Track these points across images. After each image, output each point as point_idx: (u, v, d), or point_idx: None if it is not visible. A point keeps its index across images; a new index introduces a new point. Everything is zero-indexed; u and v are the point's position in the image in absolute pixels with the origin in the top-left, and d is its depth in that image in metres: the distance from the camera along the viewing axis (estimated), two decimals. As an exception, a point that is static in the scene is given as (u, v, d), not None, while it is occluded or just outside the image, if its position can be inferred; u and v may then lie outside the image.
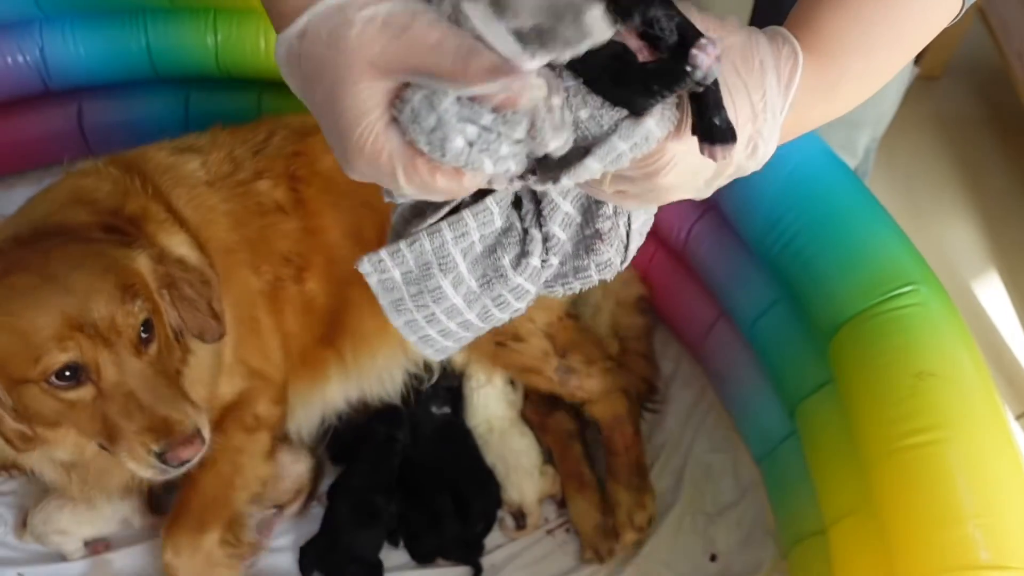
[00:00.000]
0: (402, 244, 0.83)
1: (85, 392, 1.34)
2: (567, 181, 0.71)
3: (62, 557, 1.80)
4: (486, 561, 1.85)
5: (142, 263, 1.46)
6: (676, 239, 2.00)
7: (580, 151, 0.70)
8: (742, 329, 1.89)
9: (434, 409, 1.95)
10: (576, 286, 0.87)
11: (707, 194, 0.81)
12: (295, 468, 1.86)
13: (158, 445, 1.33)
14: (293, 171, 1.79)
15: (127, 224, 1.58)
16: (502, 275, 0.83)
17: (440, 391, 1.97)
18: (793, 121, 0.79)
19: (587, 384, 1.90)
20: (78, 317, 1.31)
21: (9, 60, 2.22)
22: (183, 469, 1.39)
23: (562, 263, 0.86)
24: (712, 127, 0.70)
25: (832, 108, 0.83)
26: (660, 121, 0.71)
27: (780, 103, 0.75)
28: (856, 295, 1.52)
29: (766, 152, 0.78)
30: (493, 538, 1.89)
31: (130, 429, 1.32)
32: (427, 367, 1.95)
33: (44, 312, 1.29)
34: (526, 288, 0.85)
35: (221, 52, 2.25)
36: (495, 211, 0.81)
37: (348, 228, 1.79)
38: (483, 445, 1.92)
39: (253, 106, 2.34)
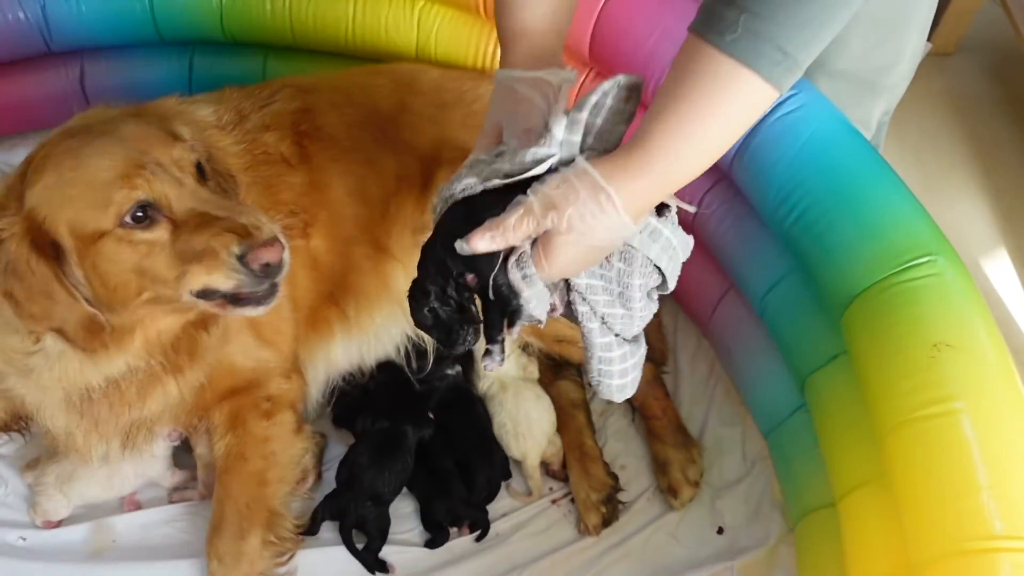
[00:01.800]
0: None
1: (160, 231, 1.34)
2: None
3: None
4: (491, 529, 1.84)
5: (183, 131, 1.48)
6: (685, 211, 1.97)
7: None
8: (752, 302, 1.87)
9: (448, 371, 1.95)
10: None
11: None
12: None
13: (239, 247, 1.31)
14: (299, 126, 1.77)
15: None
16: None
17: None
18: (638, 206, 1.13)
19: None
20: (139, 157, 1.33)
21: (10, 16, 2.18)
22: (265, 285, 1.37)
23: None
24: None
25: (661, 192, 1.15)
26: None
27: (596, 206, 1.10)
28: (871, 266, 1.50)
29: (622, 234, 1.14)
30: (499, 508, 1.88)
31: (208, 238, 1.31)
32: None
33: (107, 158, 1.31)
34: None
35: (226, 14, 2.22)
36: None
37: (352, 186, 1.77)
38: (495, 404, 1.91)
39: (258, 70, 2.31)
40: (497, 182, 1.14)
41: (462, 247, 1.13)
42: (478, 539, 1.82)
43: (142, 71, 2.36)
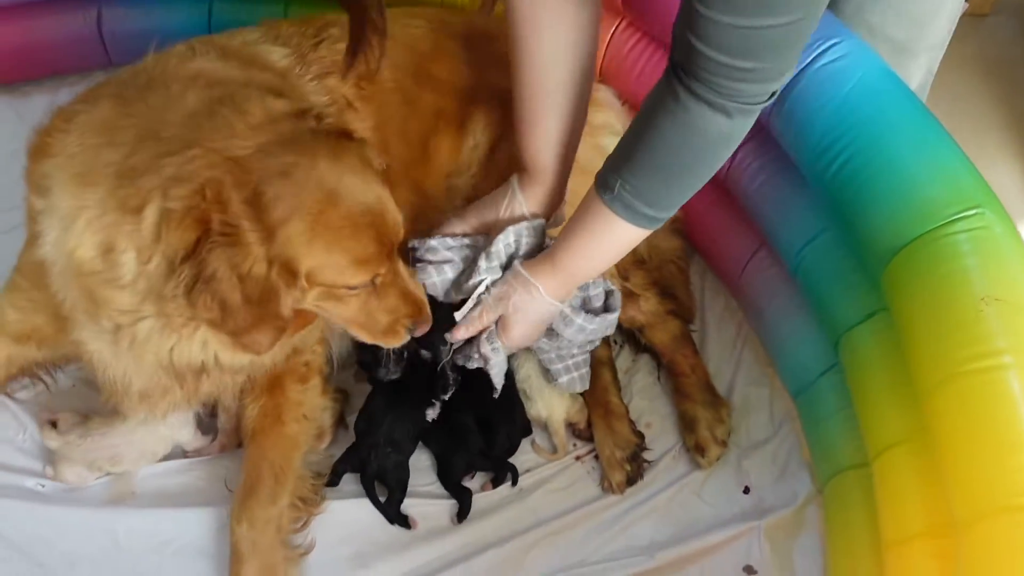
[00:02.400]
0: None
1: (366, 293, 1.45)
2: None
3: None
4: (514, 486, 1.82)
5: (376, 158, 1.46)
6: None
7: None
8: (785, 259, 1.83)
9: None
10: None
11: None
12: None
13: (411, 322, 1.53)
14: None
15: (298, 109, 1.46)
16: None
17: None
18: (558, 294, 1.64)
19: (645, 307, 1.90)
20: (390, 238, 1.42)
21: (27, -42, 2.14)
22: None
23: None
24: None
25: (572, 284, 1.64)
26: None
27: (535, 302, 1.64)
28: (916, 218, 1.46)
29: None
30: (523, 463, 1.85)
31: (394, 320, 1.50)
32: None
33: (369, 240, 1.37)
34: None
35: (248, -43, 2.17)
36: None
37: (397, 126, 1.74)
38: (521, 357, 1.87)
39: (279, 16, 2.25)
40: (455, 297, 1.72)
41: (451, 337, 1.70)
42: (513, 483, 1.81)
43: (161, 17, 2.31)
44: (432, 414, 1.81)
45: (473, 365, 1.73)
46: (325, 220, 1.32)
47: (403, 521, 1.75)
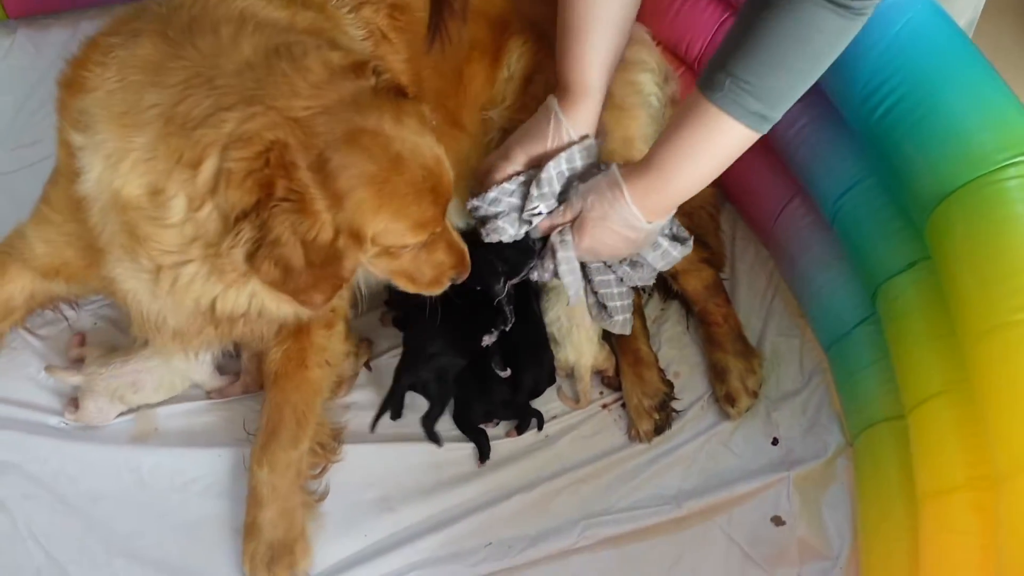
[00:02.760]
0: None
1: (414, 247, 1.45)
2: None
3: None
4: (541, 431, 1.81)
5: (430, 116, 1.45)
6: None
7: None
8: (822, 208, 1.78)
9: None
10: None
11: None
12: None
13: (456, 273, 1.55)
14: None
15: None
16: None
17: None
18: (647, 207, 1.56)
19: None
20: (446, 198, 1.42)
21: None
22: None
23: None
24: None
25: (669, 197, 1.56)
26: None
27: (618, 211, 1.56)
28: (965, 164, 1.41)
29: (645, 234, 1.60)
30: (549, 410, 1.84)
31: (439, 272, 1.52)
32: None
33: (426, 201, 1.37)
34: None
35: None
36: None
37: (431, 59, 1.67)
38: (552, 296, 1.84)
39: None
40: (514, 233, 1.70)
41: (534, 232, 1.69)
42: (539, 428, 1.80)
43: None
44: (489, 340, 1.80)
45: (547, 277, 1.69)
46: (391, 188, 1.32)
47: (435, 437, 1.76)
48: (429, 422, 1.76)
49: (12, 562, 1.60)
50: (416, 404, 1.80)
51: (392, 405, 1.77)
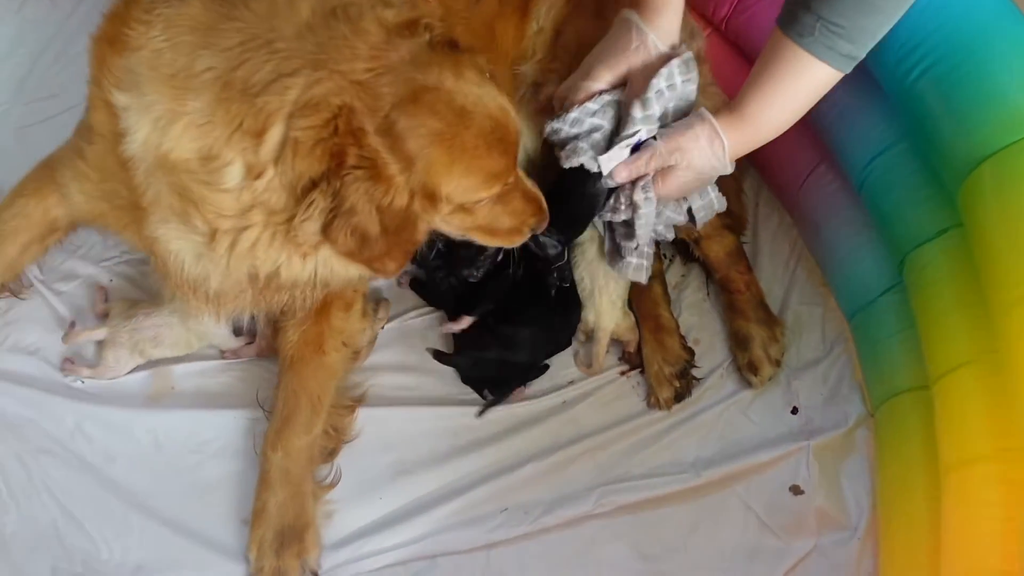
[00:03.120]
0: None
1: (489, 200, 1.42)
2: None
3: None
4: (558, 396, 1.80)
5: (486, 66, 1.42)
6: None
7: None
8: (850, 173, 1.74)
9: None
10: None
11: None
12: None
13: (536, 222, 1.52)
14: None
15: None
16: None
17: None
18: (733, 152, 1.54)
19: None
20: (514, 146, 1.40)
21: None
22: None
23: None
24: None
25: (756, 140, 1.55)
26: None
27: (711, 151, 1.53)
28: (1003, 128, 1.37)
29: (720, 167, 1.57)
30: (567, 376, 1.82)
31: (519, 221, 1.49)
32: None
33: (496, 153, 1.35)
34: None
35: None
36: None
37: (462, 14, 1.66)
38: (578, 253, 1.81)
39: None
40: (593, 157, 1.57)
41: (606, 182, 1.58)
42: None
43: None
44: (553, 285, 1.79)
45: (620, 217, 1.63)
46: (461, 143, 1.30)
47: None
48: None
49: (29, 514, 1.61)
50: (428, 368, 1.80)
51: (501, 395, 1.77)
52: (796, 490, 1.69)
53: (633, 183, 1.59)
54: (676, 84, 1.57)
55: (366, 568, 1.62)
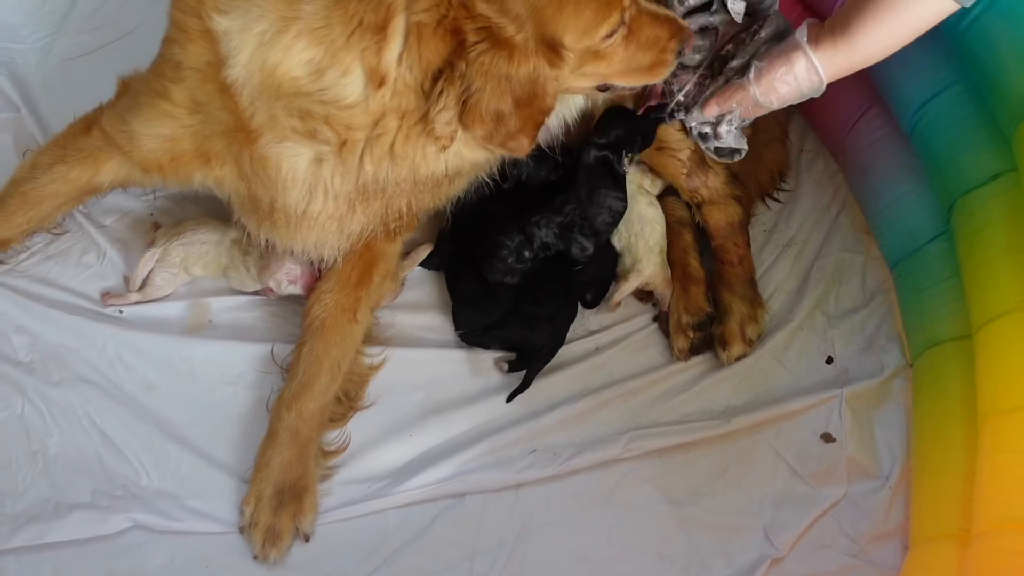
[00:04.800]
0: None
1: (619, 39, 1.36)
2: None
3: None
4: (591, 342, 1.79)
5: None
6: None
7: None
8: (902, 117, 1.68)
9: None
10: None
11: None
12: None
13: (678, 43, 1.43)
14: None
15: None
16: None
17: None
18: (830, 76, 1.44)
19: (712, 181, 1.77)
20: None
21: None
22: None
23: None
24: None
25: (851, 67, 1.43)
26: None
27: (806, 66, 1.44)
28: (1064, 67, 1.31)
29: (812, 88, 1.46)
30: (598, 320, 1.81)
31: (661, 39, 1.40)
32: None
33: None
34: None
35: None
36: None
37: None
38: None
39: None
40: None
41: (699, 115, 1.57)
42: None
43: None
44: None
45: (706, 131, 1.59)
46: None
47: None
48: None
49: (71, 438, 1.65)
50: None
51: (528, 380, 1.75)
52: (827, 438, 1.67)
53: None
54: None
55: (394, 503, 1.64)
